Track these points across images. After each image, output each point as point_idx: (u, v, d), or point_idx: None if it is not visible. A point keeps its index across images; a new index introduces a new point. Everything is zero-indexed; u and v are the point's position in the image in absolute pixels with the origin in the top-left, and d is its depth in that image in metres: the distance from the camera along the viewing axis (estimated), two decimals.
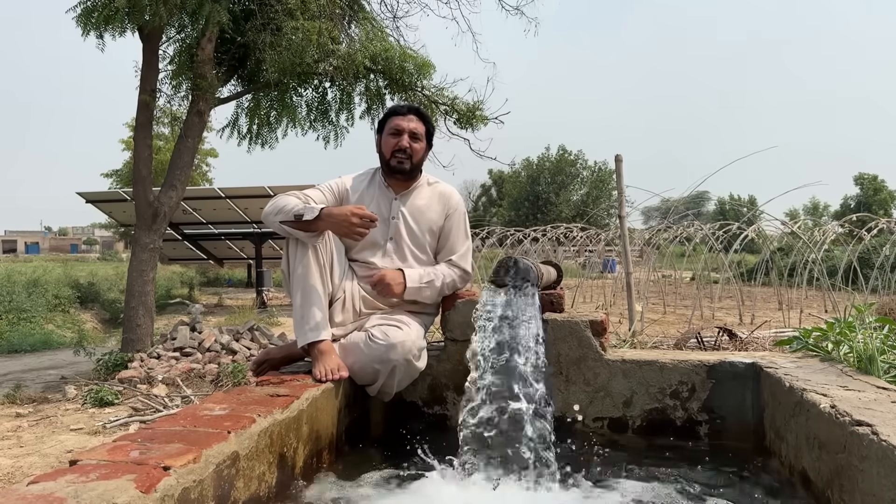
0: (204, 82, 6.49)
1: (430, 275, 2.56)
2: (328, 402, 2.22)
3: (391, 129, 2.60)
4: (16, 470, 3.26)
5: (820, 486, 1.75)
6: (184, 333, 6.19)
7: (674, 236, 14.82)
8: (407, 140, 2.57)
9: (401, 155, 2.57)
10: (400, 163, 2.58)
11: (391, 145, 2.58)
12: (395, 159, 2.58)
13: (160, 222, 6.47)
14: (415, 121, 2.61)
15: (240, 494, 1.62)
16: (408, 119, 2.60)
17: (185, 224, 13.29)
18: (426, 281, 2.53)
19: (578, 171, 42.49)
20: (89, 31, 5.73)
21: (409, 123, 2.59)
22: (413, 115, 2.62)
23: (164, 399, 4.60)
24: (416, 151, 2.59)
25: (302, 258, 2.39)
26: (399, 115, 2.62)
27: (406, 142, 2.56)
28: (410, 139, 2.58)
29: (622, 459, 2.27)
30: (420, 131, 2.61)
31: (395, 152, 2.57)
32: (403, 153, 2.57)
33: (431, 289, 2.55)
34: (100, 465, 1.37)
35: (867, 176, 46.87)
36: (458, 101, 7.72)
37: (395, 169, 2.59)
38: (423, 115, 2.68)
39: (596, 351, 2.50)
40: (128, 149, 21.30)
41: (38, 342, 8.00)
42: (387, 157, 2.60)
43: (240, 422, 1.71)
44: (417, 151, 2.60)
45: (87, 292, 11.67)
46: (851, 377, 2.06)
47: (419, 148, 2.61)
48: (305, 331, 2.35)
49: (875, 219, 13.22)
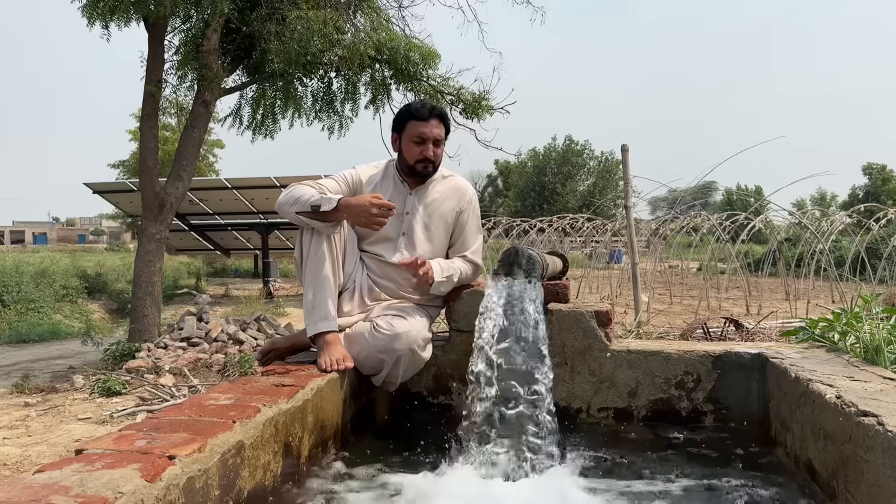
0: (209, 73, 6.48)
1: (450, 269, 2.55)
2: (333, 392, 2.22)
3: (415, 136, 2.54)
4: (24, 459, 3.29)
5: (825, 476, 1.74)
6: (191, 324, 6.22)
7: (680, 226, 14.78)
8: (431, 150, 2.55)
9: (425, 162, 2.57)
10: (425, 168, 2.58)
11: (416, 153, 2.55)
12: (420, 165, 2.57)
13: (167, 213, 6.48)
14: (437, 126, 2.57)
15: (245, 483, 1.63)
16: (430, 126, 2.55)
17: (191, 214, 13.32)
18: (446, 276, 2.53)
19: (585, 162, 42.28)
20: (95, 20, 5.71)
21: (433, 130, 2.55)
22: (435, 121, 2.57)
23: (172, 389, 4.63)
24: (438, 156, 2.60)
25: (316, 248, 2.39)
26: (421, 120, 2.56)
27: (431, 151, 2.55)
28: (434, 146, 2.57)
29: (627, 449, 2.27)
30: (442, 136, 2.60)
31: (420, 161, 2.56)
32: (428, 161, 2.56)
33: (449, 284, 2.55)
34: (105, 454, 1.38)
35: (876, 166, 46.45)
36: (464, 91, 7.69)
37: (419, 174, 2.59)
38: (444, 117, 2.64)
39: (601, 341, 2.50)
40: (135, 139, 21.32)
41: (46, 332, 8.04)
42: (410, 163, 2.58)
43: (245, 411, 1.72)
44: (439, 155, 2.61)
45: (94, 283, 11.71)
46: (858, 368, 2.05)
47: (441, 152, 2.62)
48: (315, 320, 2.36)
49: (883, 209, 13.12)
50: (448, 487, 1.94)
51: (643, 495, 1.88)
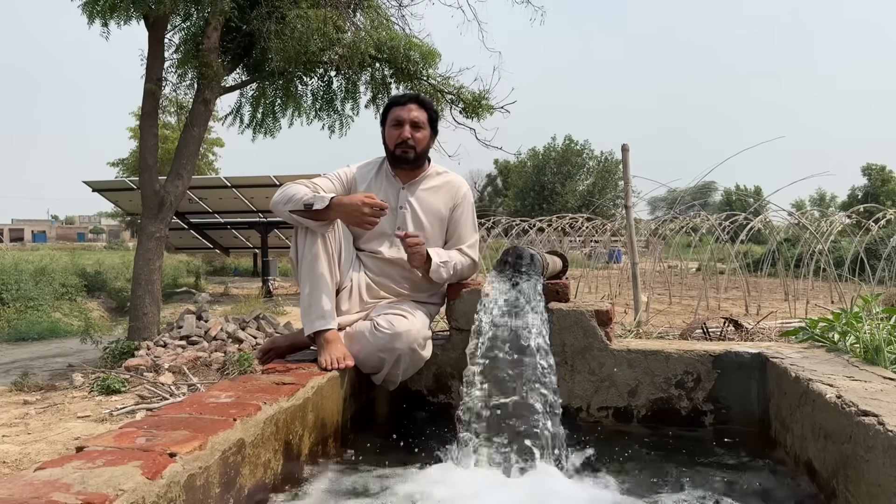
0: (209, 71, 6.47)
1: (447, 255, 2.57)
2: (333, 390, 2.22)
3: (392, 120, 2.59)
4: (23, 457, 3.29)
5: (825, 476, 1.74)
6: (190, 322, 6.21)
7: (680, 227, 14.78)
8: (409, 130, 2.56)
9: (404, 146, 2.57)
10: (404, 153, 2.58)
11: (394, 137, 2.58)
12: (399, 150, 2.58)
13: (166, 211, 6.47)
14: (415, 109, 2.60)
15: (245, 481, 1.63)
16: (408, 109, 2.59)
17: (191, 213, 13.31)
18: (443, 260, 2.53)
19: (584, 161, 42.28)
20: (95, 18, 5.71)
21: (410, 113, 2.58)
22: (413, 104, 2.61)
23: (171, 387, 4.62)
24: (418, 140, 2.59)
25: (311, 247, 2.39)
26: (399, 105, 2.62)
27: (408, 132, 2.56)
28: (412, 128, 2.57)
29: (626, 449, 2.27)
30: (422, 119, 2.60)
31: (398, 144, 2.57)
32: (406, 144, 2.57)
33: (447, 269, 2.53)
34: (106, 451, 1.38)
35: (875, 166, 46.49)
36: (464, 91, 7.69)
37: (399, 159, 2.59)
38: (423, 102, 2.66)
39: (601, 340, 2.50)
40: (134, 137, 21.28)
41: (45, 330, 8.04)
42: (391, 149, 2.60)
43: (246, 409, 1.72)
44: (420, 140, 2.60)
45: (93, 281, 11.70)
46: (858, 367, 2.05)
47: (422, 137, 2.60)
48: (313, 319, 2.36)
49: (883, 209, 13.13)
50: (448, 486, 1.94)
51: (642, 494, 1.88)
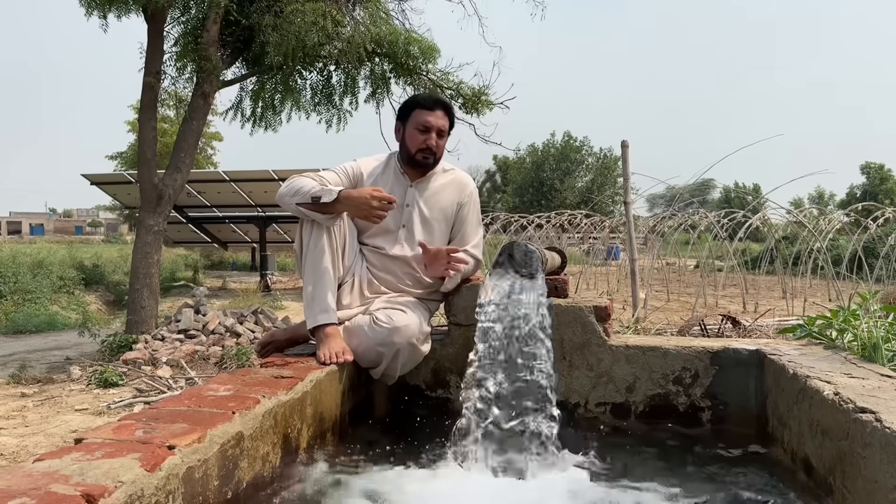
0: (208, 64, 6.46)
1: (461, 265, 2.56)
2: (332, 384, 2.23)
3: (419, 124, 2.56)
4: (21, 449, 3.29)
5: (822, 472, 1.75)
6: (188, 316, 6.21)
7: (678, 224, 14.80)
8: (434, 139, 2.56)
9: (427, 152, 2.57)
10: (425, 158, 2.58)
11: (418, 142, 2.56)
12: (421, 155, 2.58)
13: (165, 205, 6.47)
14: (442, 117, 2.59)
15: (244, 474, 1.63)
16: (436, 116, 2.57)
17: (189, 207, 13.29)
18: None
19: (583, 158, 42.29)
20: (93, 10, 5.70)
21: (438, 121, 2.57)
22: (440, 111, 2.59)
23: (169, 381, 4.63)
24: (440, 148, 2.61)
25: (316, 240, 2.39)
26: (426, 109, 2.58)
27: (434, 141, 2.56)
28: (437, 137, 2.58)
29: (624, 444, 2.28)
30: (446, 128, 2.61)
31: (422, 149, 2.57)
32: (429, 150, 2.57)
33: (457, 278, 2.55)
34: (105, 443, 1.38)
35: (874, 165, 46.54)
36: (464, 86, 7.68)
37: (419, 164, 2.60)
38: (449, 109, 2.66)
39: (599, 336, 2.50)
40: (133, 131, 21.28)
41: (42, 323, 8.03)
42: (411, 152, 2.59)
43: (244, 402, 1.72)
44: (441, 147, 2.62)
45: (91, 274, 11.68)
46: (855, 365, 2.05)
47: (444, 144, 2.63)
48: (315, 313, 2.36)
49: (881, 208, 13.15)
50: (445, 481, 1.95)
51: (640, 490, 1.89)
